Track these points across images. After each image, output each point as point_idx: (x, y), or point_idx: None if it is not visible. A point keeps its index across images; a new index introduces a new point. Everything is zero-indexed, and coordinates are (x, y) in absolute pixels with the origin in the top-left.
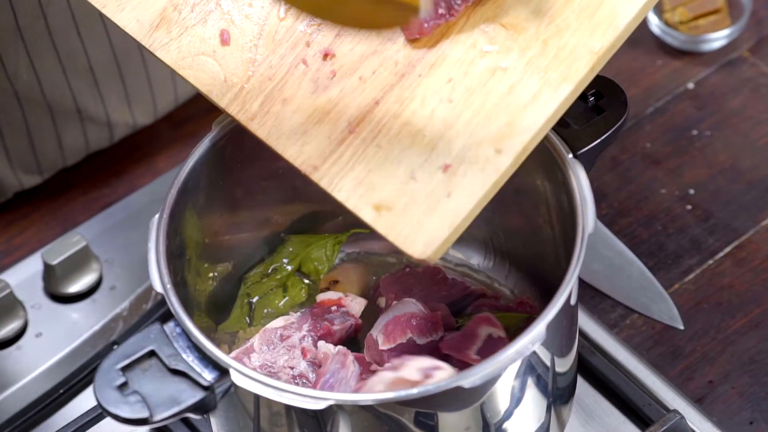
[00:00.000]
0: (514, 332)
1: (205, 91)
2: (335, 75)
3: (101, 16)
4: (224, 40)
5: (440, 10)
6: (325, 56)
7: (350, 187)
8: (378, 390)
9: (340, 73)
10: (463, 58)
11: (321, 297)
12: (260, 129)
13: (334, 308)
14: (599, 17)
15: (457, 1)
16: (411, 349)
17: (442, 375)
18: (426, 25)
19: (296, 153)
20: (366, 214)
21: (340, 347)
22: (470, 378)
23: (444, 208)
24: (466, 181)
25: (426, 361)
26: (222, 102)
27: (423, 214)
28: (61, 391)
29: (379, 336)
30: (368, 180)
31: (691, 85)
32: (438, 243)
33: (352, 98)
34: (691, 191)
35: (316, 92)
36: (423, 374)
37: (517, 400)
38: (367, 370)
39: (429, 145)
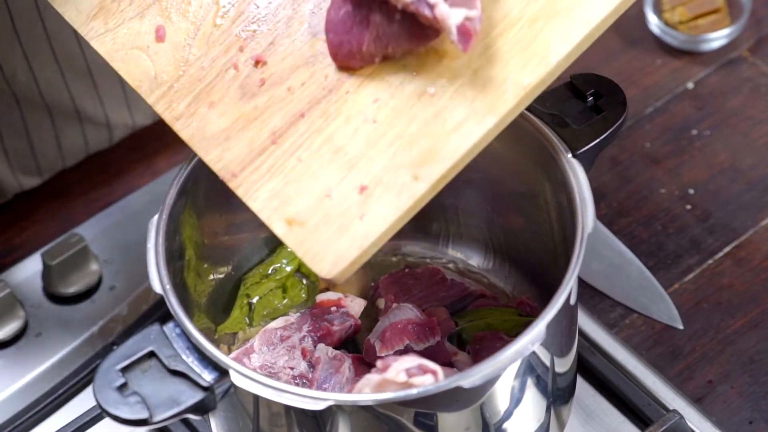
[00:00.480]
0: (514, 332)
1: (135, 86)
2: (264, 83)
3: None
4: (159, 36)
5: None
6: (257, 63)
7: (265, 198)
8: (365, 392)
9: (269, 81)
10: (392, 79)
11: (320, 297)
12: (184, 130)
13: (333, 309)
14: (532, 51)
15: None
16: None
17: (426, 380)
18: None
19: (216, 158)
20: (278, 228)
21: (337, 352)
22: (470, 378)
23: (355, 230)
24: (380, 205)
25: (410, 362)
26: (149, 98)
27: (334, 233)
28: (61, 391)
29: (377, 343)
30: (284, 193)
31: (690, 85)
32: (345, 264)
33: (278, 108)
34: (691, 191)
35: (244, 98)
36: (407, 375)
37: (516, 400)
38: (367, 371)
39: (348, 164)
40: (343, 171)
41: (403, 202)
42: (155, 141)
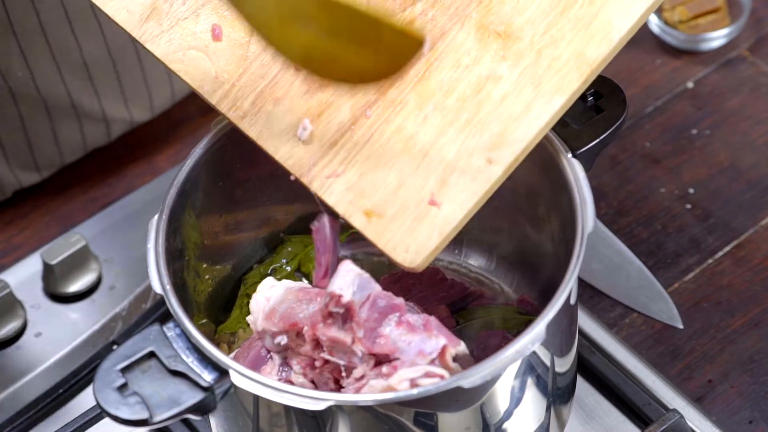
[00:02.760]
0: (515, 331)
1: (196, 87)
2: None
3: (94, 10)
4: (216, 35)
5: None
6: None
7: (341, 192)
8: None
9: None
10: (458, 64)
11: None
12: (251, 128)
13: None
14: (594, 28)
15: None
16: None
17: (429, 383)
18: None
19: (287, 154)
20: (356, 220)
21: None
22: (470, 378)
23: (434, 217)
24: (457, 190)
25: (415, 371)
26: (213, 99)
27: (413, 221)
28: (61, 390)
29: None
30: (359, 185)
31: (690, 85)
32: (427, 252)
33: (345, 100)
34: (691, 190)
35: (309, 92)
36: (410, 384)
37: (516, 400)
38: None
39: (421, 152)
40: (416, 159)
41: (479, 187)
42: (155, 140)
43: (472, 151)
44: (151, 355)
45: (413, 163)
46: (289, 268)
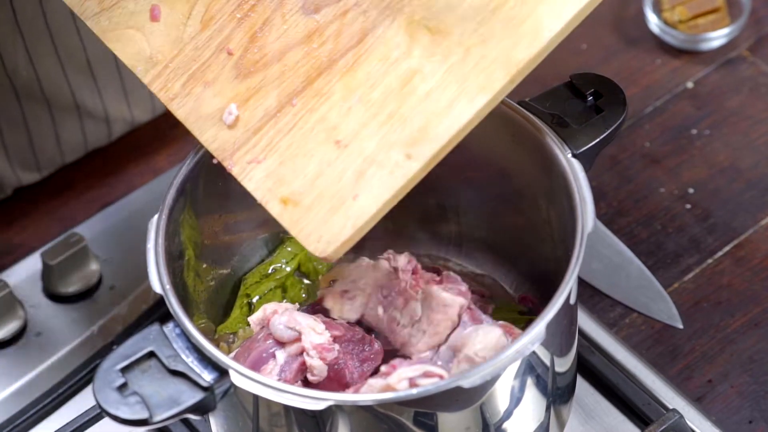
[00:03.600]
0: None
1: (130, 66)
2: (258, 63)
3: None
4: (154, 15)
5: None
6: (251, 42)
7: (260, 178)
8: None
9: (263, 61)
10: (386, 57)
11: (323, 294)
12: (180, 110)
13: None
14: (525, 29)
15: None
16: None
17: (428, 382)
18: None
19: (212, 138)
20: (273, 207)
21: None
22: (470, 378)
23: (349, 209)
24: (373, 184)
25: (414, 370)
26: (145, 78)
27: (327, 212)
28: (61, 391)
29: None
30: (279, 172)
31: (690, 84)
32: (339, 242)
33: (273, 87)
34: (691, 190)
35: (238, 78)
36: (409, 383)
37: (516, 399)
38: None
39: (342, 143)
40: (337, 150)
41: (395, 181)
42: (155, 140)
43: (392, 145)
44: (151, 354)
45: (333, 154)
46: (288, 269)
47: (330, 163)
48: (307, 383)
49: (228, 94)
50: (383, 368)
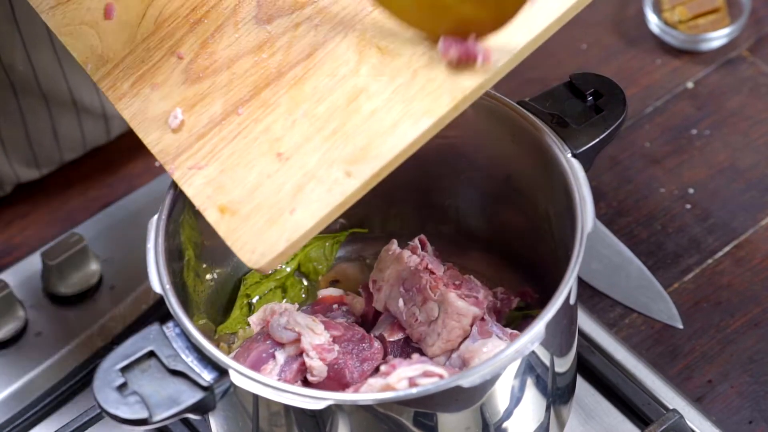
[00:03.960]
0: (512, 326)
1: (81, 62)
2: (208, 69)
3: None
4: (108, 13)
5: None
6: (202, 48)
7: (200, 185)
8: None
9: (212, 68)
10: (334, 73)
11: (323, 293)
12: (126, 110)
13: (335, 306)
14: None
15: None
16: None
17: (428, 382)
18: None
19: (156, 140)
20: (210, 215)
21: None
22: (469, 378)
23: (285, 222)
24: (311, 199)
25: (414, 369)
26: (95, 76)
27: (264, 224)
28: (61, 391)
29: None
30: (219, 180)
31: (690, 85)
32: (272, 255)
33: (220, 95)
34: (691, 190)
35: (186, 83)
36: (408, 383)
37: (516, 399)
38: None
39: (283, 156)
40: (278, 163)
41: (333, 198)
42: None
43: (332, 161)
44: (151, 354)
45: (274, 166)
46: (288, 269)
47: (270, 174)
48: (307, 383)
49: (175, 98)
50: (383, 368)
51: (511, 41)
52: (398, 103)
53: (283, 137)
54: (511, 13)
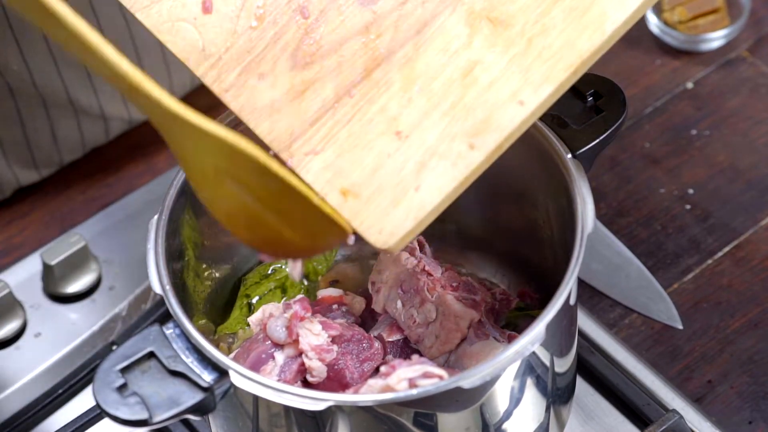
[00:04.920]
0: (513, 328)
1: (183, 59)
2: (314, 54)
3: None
4: (206, 8)
5: None
6: (306, 34)
7: (318, 170)
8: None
9: (320, 52)
10: (446, 48)
11: (322, 293)
12: (234, 101)
13: (335, 306)
14: (587, 19)
15: None
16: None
17: (428, 383)
18: None
19: (268, 129)
20: (332, 199)
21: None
22: (469, 378)
23: (410, 200)
24: (435, 175)
25: (414, 370)
26: (198, 71)
27: (389, 204)
28: (60, 391)
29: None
30: (337, 164)
31: (690, 85)
32: (400, 235)
33: (330, 79)
34: (690, 191)
35: (294, 69)
36: (408, 384)
37: (516, 400)
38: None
39: (402, 134)
40: (398, 141)
41: (459, 172)
42: (155, 140)
43: (454, 135)
44: (151, 355)
45: (393, 145)
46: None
47: (390, 154)
48: (307, 384)
49: (284, 86)
50: (383, 368)
51: (626, 2)
52: (516, 72)
53: (399, 115)
54: (323, 247)
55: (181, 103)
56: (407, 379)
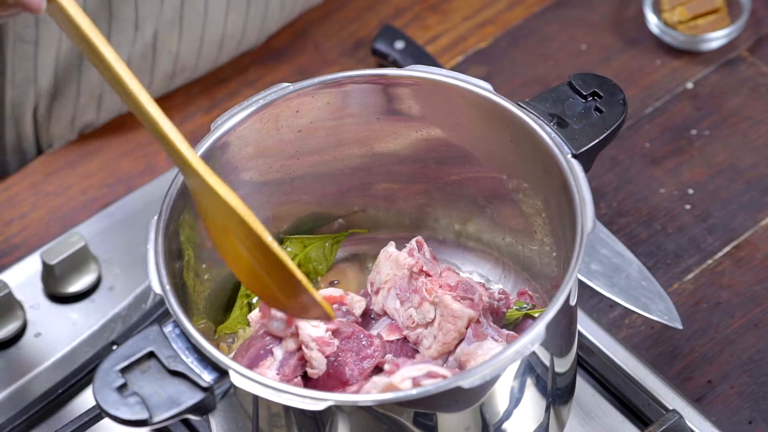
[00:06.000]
0: (513, 328)
1: None
2: None
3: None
4: None
5: None
6: None
7: None
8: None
9: None
10: None
11: (323, 293)
12: None
13: (335, 306)
14: None
15: None
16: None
17: (432, 383)
18: None
19: None
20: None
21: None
22: (469, 378)
23: None
24: None
25: (418, 369)
26: None
27: None
28: (60, 391)
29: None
30: None
31: (690, 85)
32: None
33: None
34: (690, 191)
35: None
36: (412, 383)
37: (516, 400)
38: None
39: None
40: None
41: None
42: (155, 140)
43: None
44: (151, 355)
45: None
46: None
47: None
48: (306, 379)
49: None
50: (386, 366)
51: None
52: None
53: None
54: (311, 318)
55: (203, 162)
56: (411, 377)
